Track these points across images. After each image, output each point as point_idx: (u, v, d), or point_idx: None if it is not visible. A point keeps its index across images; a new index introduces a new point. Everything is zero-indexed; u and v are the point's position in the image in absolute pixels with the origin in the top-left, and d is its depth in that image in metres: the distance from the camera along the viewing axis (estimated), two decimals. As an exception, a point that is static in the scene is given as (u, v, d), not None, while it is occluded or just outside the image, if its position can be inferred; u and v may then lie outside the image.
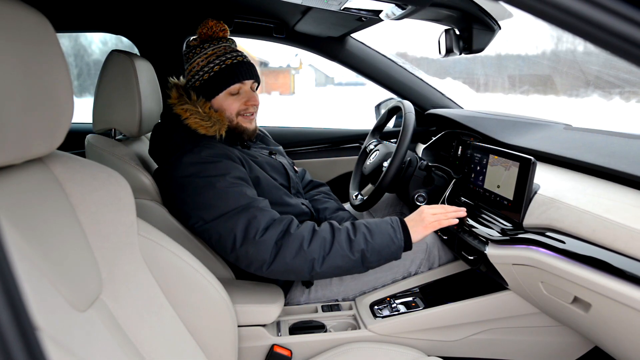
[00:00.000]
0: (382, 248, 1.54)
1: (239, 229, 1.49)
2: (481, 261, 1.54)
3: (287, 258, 1.48)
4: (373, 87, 2.84)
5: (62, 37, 3.53)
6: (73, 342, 0.78)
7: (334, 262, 1.51)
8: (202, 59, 1.70)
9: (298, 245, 1.49)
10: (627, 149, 1.42)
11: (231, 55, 1.71)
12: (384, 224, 1.59)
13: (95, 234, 1.01)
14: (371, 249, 1.53)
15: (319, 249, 1.50)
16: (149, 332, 1.05)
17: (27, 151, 0.82)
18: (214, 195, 1.53)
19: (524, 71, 10.39)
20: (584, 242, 1.15)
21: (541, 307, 1.52)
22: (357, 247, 1.52)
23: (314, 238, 1.52)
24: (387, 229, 1.57)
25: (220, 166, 1.58)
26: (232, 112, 1.74)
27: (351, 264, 1.53)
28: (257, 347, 1.57)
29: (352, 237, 1.53)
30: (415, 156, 2.08)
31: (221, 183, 1.54)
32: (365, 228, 1.56)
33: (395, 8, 1.65)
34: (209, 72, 1.69)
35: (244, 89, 1.75)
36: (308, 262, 1.49)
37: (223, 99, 1.72)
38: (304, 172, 2.29)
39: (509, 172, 1.46)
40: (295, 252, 1.48)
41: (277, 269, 1.50)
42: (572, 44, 6.25)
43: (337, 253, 1.51)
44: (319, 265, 1.49)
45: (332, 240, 1.52)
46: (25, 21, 0.80)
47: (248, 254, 1.50)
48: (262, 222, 1.51)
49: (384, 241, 1.54)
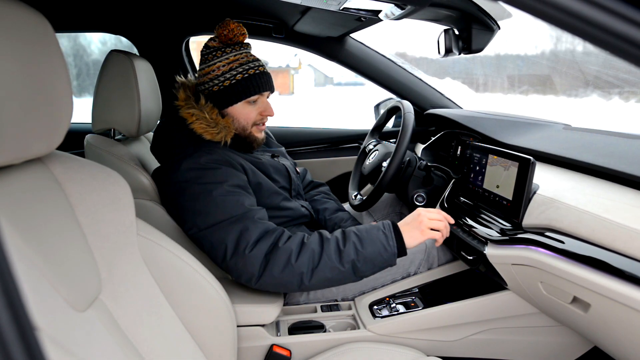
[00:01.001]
0: (375, 257, 1.49)
1: (229, 241, 1.48)
2: (480, 261, 1.54)
3: (275, 272, 1.46)
4: (372, 87, 2.84)
5: (61, 37, 3.54)
6: (72, 342, 0.78)
7: (323, 275, 1.47)
8: (224, 64, 1.68)
9: (286, 259, 1.46)
10: (626, 149, 1.42)
11: (254, 65, 1.70)
12: (374, 230, 1.54)
13: (95, 234, 1.01)
14: (362, 258, 1.48)
15: (308, 262, 1.47)
16: (148, 332, 1.05)
17: (26, 151, 0.82)
18: (209, 203, 1.52)
19: (523, 71, 10.41)
20: (583, 242, 1.15)
21: (540, 307, 1.52)
22: (347, 257, 1.48)
23: (302, 251, 1.48)
24: (379, 236, 1.52)
25: (219, 173, 1.57)
26: (249, 122, 1.73)
27: (342, 275, 1.50)
28: (256, 347, 1.57)
29: (342, 248, 1.49)
30: (414, 156, 2.08)
31: (218, 191, 1.53)
32: (356, 237, 1.52)
33: (394, 8, 1.65)
34: (231, 79, 1.67)
35: (262, 100, 1.75)
36: (297, 276, 1.46)
37: (241, 107, 1.71)
38: (305, 172, 2.29)
39: (508, 172, 1.45)
40: (284, 266, 1.46)
41: (265, 282, 1.48)
42: (571, 44, 6.25)
43: (325, 265, 1.47)
44: (307, 279, 1.47)
45: (320, 252, 1.48)
46: (25, 21, 0.80)
47: (237, 267, 1.48)
48: (254, 235, 1.48)
49: (375, 249, 1.49)
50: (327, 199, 2.16)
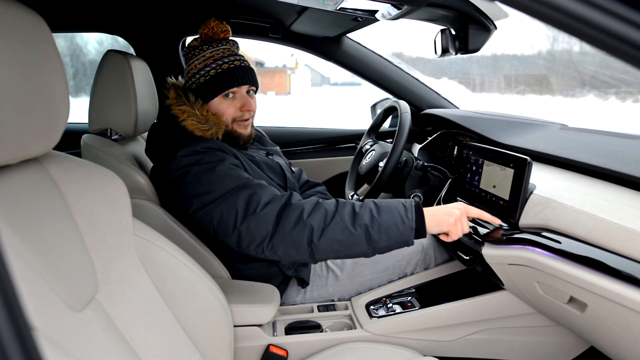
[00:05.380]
0: (390, 226, 1.39)
1: (240, 204, 1.43)
2: (477, 261, 1.54)
3: (287, 229, 1.39)
4: (369, 87, 2.84)
5: (58, 37, 3.53)
6: (69, 342, 0.78)
7: (333, 235, 1.38)
8: (200, 62, 1.68)
9: (298, 214, 1.41)
10: (623, 148, 1.43)
11: (228, 60, 1.69)
12: (395, 202, 1.45)
13: (91, 234, 1.01)
14: (377, 225, 1.38)
15: (320, 219, 1.40)
16: (145, 332, 1.05)
17: (23, 151, 0.82)
18: (213, 179, 1.49)
19: (519, 71, 10.42)
20: (580, 242, 1.15)
21: (537, 307, 1.52)
22: (360, 221, 1.39)
23: (316, 209, 1.42)
24: (398, 207, 1.43)
25: (217, 154, 1.56)
26: (228, 117, 1.72)
27: (353, 240, 1.39)
28: (253, 347, 1.57)
29: (357, 211, 1.42)
30: (411, 156, 2.08)
31: (220, 167, 1.51)
32: (374, 204, 1.44)
33: (391, 8, 1.65)
34: (205, 75, 1.67)
35: (240, 94, 1.72)
36: (307, 232, 1.39)
37: (218, 103, 1.70)
38: (300, 172, 2.28)
39: (505, 172, 1.46)
40: (295, 223, 1.40)
41: (277, 242, 1.41)
42: (568, 44, 6.25)
43: (337, 225, 1.39)
44: (317, 237, 1.39)
45: (334, 212, 1.42)
46: (21, 21, 0.80)
47: (250, 229, 1.42)
48: (263, 196, 1.44)
49: (392, 219, 1.40)
50: (324, 199, 2.16)
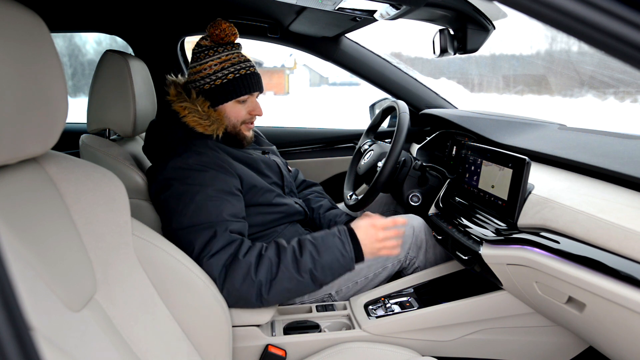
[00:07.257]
0: (332, 263, 1.48)
1: (197, 244, 1.45)
2: (475, 261, 1.54)
3: (237, 284, 1.42)
4: (367, 87, 2.84)
5: (57, 37, 3.52)
6: (67, 342, 0.78)
7: (281, 285, 1.45)
8: (216, 63, 1.69)
9: (245, 271, 1.43)
10: (621, 148, 1.43)
11: (245, 65, 1.72)
12: (330, 237, 1.52)
13: (90, 234, 1.01)
14: (320, 266, 1.47)
15: (266, 273, 1.44)
16: (143, 332, 1.05)
17: (21, 151, 0.82)
18: (189, 204, 1.50)
19: (518, 71, 10.44)
20: (578, 242, 1.15)
21: (535, 307, 1.52)
22: (304, 267, 1.46)
23: (261, 262, 1.45)
24: (335, 242, 1.50)
25: (206, 176, 1.55)
26: (238, 120, 1.75)
27: (300, 285, 1.47)
28: (251, 347, 1.57)
29: (299, 257, 1.47)
30: (409, 156, 2.08)
31: (200, 195, 1.51)
32: (312, 245, 1.50)
33: (389, 8, 1.65)
34: (223, 78, 1.68)
35: (251, 99, 1.76)
36: (255, 287, 1.43)
37: (231, 106, 1.72)
38: (296, 172, 2.29)
39: (503, 172, 1.46)
40: (243, 278, 1.42)
41: (227, 294, 1.42)
42: (566, 44, 6.27)
43: (284, 275, 1.45)
44: (266, 291, 1.44)
45: (278, 262, 1.46)
46: (20, 21, 0.80)
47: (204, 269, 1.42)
48: (218, 244, 1.46)
49: (333, 256, 1.48)
50: (321, 197, 2.17)
